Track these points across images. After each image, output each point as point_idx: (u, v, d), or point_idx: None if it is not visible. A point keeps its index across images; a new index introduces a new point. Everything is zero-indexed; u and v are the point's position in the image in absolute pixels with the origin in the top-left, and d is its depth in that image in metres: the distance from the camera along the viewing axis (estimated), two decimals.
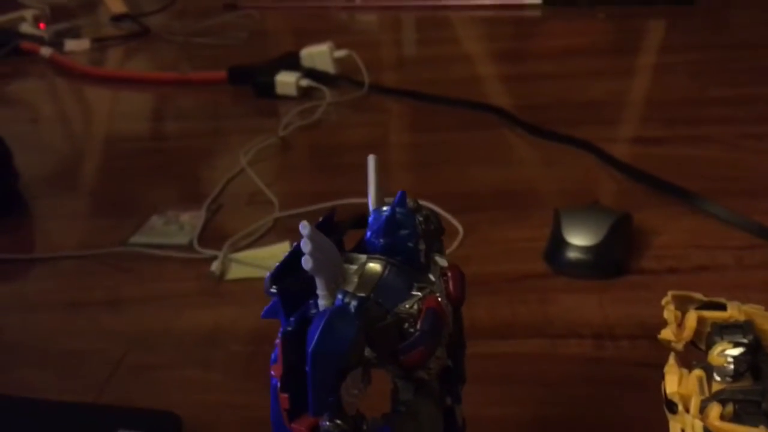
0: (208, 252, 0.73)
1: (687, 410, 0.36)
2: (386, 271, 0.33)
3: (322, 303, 0.31)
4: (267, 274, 0.33)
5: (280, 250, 0.73)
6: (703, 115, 0.93)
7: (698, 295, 0.43)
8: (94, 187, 0.95)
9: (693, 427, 0.35)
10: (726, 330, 0.39)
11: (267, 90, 1.12)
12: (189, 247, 0.75)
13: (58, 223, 0.85)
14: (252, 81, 1.14)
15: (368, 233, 0.34)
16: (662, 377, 0.38)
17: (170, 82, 1.24)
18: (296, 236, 0.30)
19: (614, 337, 0.58)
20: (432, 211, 0.37)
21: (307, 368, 0.28)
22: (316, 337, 0.28)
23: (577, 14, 1.48)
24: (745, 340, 0.38)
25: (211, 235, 0.77)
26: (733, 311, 0.41)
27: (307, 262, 0.30)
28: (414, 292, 0.33)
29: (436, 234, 0.36)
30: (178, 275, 0.72)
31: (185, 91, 1.22)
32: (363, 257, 0.34)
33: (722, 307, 0.41)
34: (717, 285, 0.62)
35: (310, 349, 0.28)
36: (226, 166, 0.91)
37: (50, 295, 0.71)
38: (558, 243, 0.66)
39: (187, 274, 0.71)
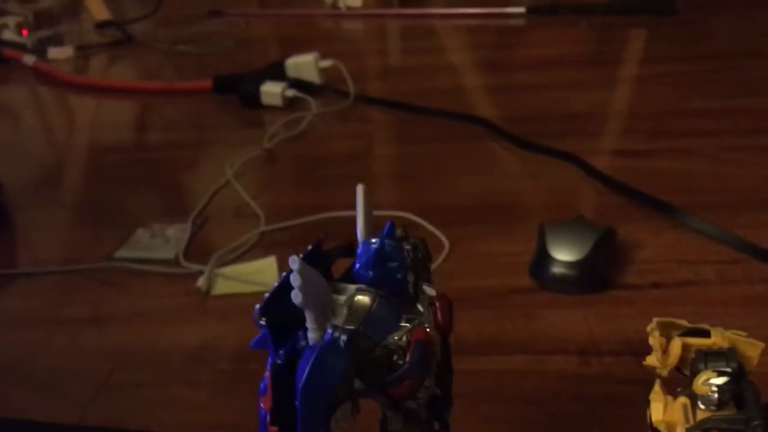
0: (194, 267, 0.73)
1: None
2: (375, 303, 0.33)
3: (312, 336, 0.31)
4: (256, 307, 0.33)
5: (267, 264, 0.72)
6: (685, 128, 0.93)
7: (682, 322, 0.44)
8: (78, 199, 0.95)
9: None
10: (710, 357, 0.40)
11: (252, 100, 1.12)
12: (175, 262, 0.75)
13: (41, 236, 0.85)
14: (237, 91, 1.14)
15: (357, 265, 0.34)
16: (647, 404, 0.38)
17: (155, 91, 1.24)
18: (282, 250, 0.30)
19: (599, 353, 0.58)
20: (420, 239, 0.37)
21: (296, 403, 0.28)
22: (306, 373, 0.28)
23: (560, 23, 1.49)
24: (728, 369, 0.39)
25: (197, 249, 0.77)
26: (717, 338, 0.41)
27: (296, 297, 0.30)
28: (402, 324, 0.33)
29: (423, 262, 0.36)
30: (164, 291, 0.71)
31: (170, 100, 1.22)
32: (352, 288, 0.34)
33: (706, 334, 0.42)
34: (699, 300, 0.63)
35: (300, 385, 0.28)
36: (212, 178, 0.91)
37: (33, 311, 0.70)
38: (543, 258, 0.67)
39: (173, 289, 0.71)
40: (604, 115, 1.03)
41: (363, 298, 0.33)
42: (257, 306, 0.33)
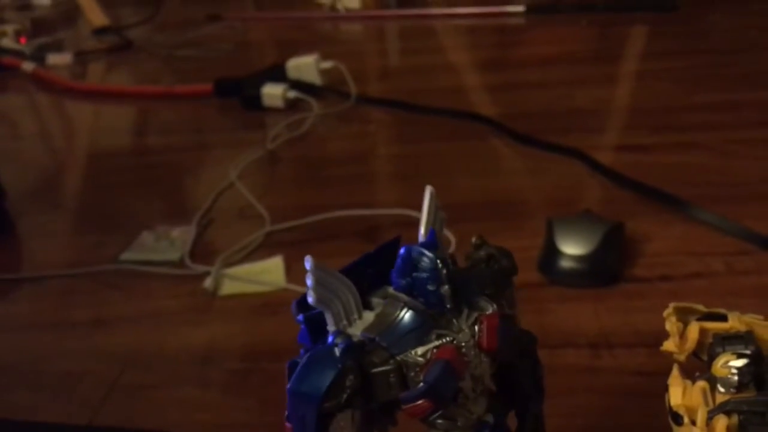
0: (200, 268, 0.73)
1: (692, 422, 0.36)
2: (402, 313, 0.31)
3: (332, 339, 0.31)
4: (293, 302, 0.32)
5: (273, 264, 0.72)
6: (689, 122, 0.93)
7: (699, 307, 0.44)
8: (80, 204, 0.94)
9: None
10: (728, 341, 0.39)
11: (254, 102, 1.12)
12: (180, 264, 0.74)
13: (44, 241, 0.84)
14: (239, 93, 1.14)
15: (393, 271, 0.32)
16: (666, 389, 0.38)
17: (155, 96, 1.23)
18: (288, 250, 0.30)
19: (611, 346, 0.58)
20: (502, 249, 0.35)
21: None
22: (294, 377, 0.28)
23: (560, 21, 1.49)
24: (747, 351, 0.38)
25: (203, 251, 0.76)
26: (734, 322, 0.41)
27: (310, 296, 0.29)
28: (432, 339, 0.31)
29: (503, 275, 0.34)
30: (170, 292, 0.71)
31: (170, 105, 1.22)
32: (390, 294, 0.32)
33: (723, 318, 0.42)
34: (709, 292, 0.62)
35: (287, 388, 0.28)
36: (215, 180, 0.91)
37: (41, 315, 0.70)
38: (552, 252, 0.66)
39: (180, 290, 0.71)
40: (607, 111, 1.03)
41: (392, 306, 0.32)
42: (294, 301, 0.32)
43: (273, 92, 1.11)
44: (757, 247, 0.67)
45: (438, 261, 0.31)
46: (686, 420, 0.37)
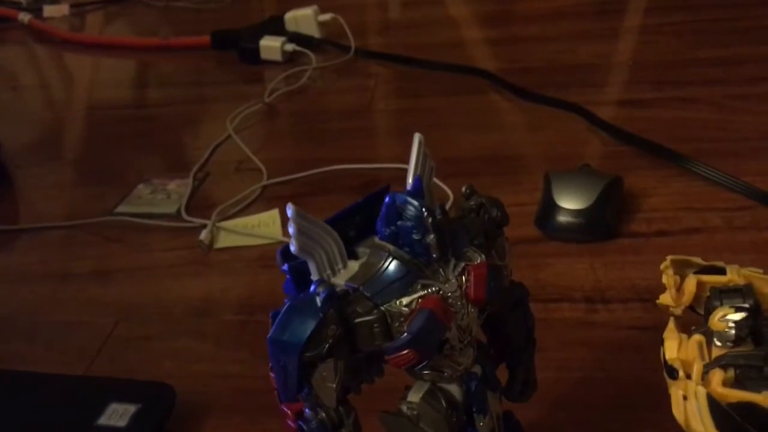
0: (197, 221, 0.72)
1: (688, 376, 0.35)
2: (386, 263, 0.30)
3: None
4: (278, 251, 0.32)
5: (269, 217, 0.72)
6: (690, 77, 0.92)
7: (697, 260, 0.43)
8: (78, 156, 0.94)
9: (696, 394, 0.34)
10: (725, 294, 0.39)
11: (251, 55, 1.10)
12: (177, 216, 0.74)
13: (42, 193, 0.84)
14: (236, 46, 1.12)
15: (378, 220, 0.31)
16: (661, 342, 0.38)
17: (151, 48, 1.22)
18: (284, 204, 0.29)
19: (606, 301, 0.58)
20: (492, 198, 0.34)
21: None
22: (274, 326, 0.28)
23: None
24: (745, 305, 0.38)
25: (199, 204, 0.76)
26: (733, 275, 0.40)
27: (292, 245, 0.29)
28: (417, 289, 0.30)
29: (493, 224, 0.33)
30: (167, 245, 0.71)
31: (168, 57, 1.20)
32: (374, 243, 0.31)
33: (721, 271, 0.41)
34: (707, 247, 0.62)
35: (267, 337, 0.28)
36: (212, 134, 0.90)
37: (37, 266, 0.70)
38: (549, 207, 0.66)
39: (176, 243, 0.71)
40: (609, 66, 1.01)
41: (377, 256, 0.31)
42: (278, 249, 0.32)
43: (271, 45, 1.09)
44: (756, 202, 0.66)
45: (423, 209, 0.30)
46: (681, 374, 0.37)
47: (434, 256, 0.31)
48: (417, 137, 0.33)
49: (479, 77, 0.99)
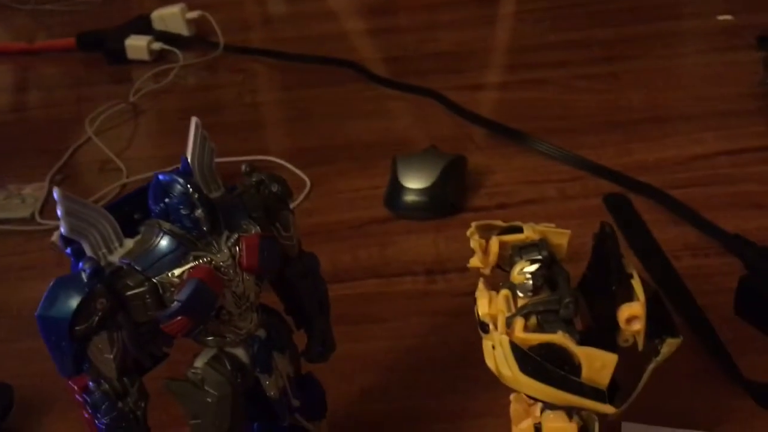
0: (51, 223, 0.72)
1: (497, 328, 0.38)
2: (158, 239, 0.32)
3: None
4: (58, 234, 0.33)
5: None
6: (542, 60, 0.97)
7: (498, 222, 0.46)
8: None
9: (500, 342, 0.38)
10: (524, 250, 0.43)
11: (118, 55, 1.09)
12: (31, 220, 0.73)
13: None
14: (102, 47, 1.11)
15: (148, 199, 0.34)
16: (474, 302, 0.41)
17: (16, 52, 1.19)
18: None
19: (445, 271, 0.61)
20: (275, 176, 0.36)
21: None
22: (41, 303, 0.29)
23: None
24: (539, 257, 0.41)
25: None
26: (529, 232, 0.44)
27: (62, 227, 0.30)
28: (189, 261, 0.32)
29: (276, 199, 0.36)
30: (20, 248, 0.70)
31: (35, 61, 1.17)
32: (149, 222, 0.33)
33: (519, 230, 0.45)
34: (541, 216, 0.65)
35: (35, 314, 0.29)
36: (74, 136, 0.89)
37: None
38: (395, 188, 0.69)
39: (29, 246, 0.70)
40: (471, 53, 1.05)
41: (148, 232, 0.33)
42: (60, 234, 0.33)
43: (137, 44, 1.08)
44: (587, 172, 0.71)
45: (189, 186, 0.32)
46: (492, 327, 0.40)
47: (205, 229, 0.32)
48: (194, 120, 0.34)
49: (347, 68, 1.01)
